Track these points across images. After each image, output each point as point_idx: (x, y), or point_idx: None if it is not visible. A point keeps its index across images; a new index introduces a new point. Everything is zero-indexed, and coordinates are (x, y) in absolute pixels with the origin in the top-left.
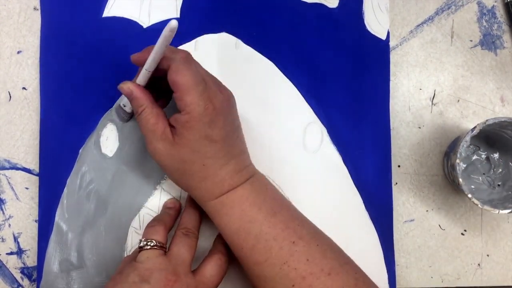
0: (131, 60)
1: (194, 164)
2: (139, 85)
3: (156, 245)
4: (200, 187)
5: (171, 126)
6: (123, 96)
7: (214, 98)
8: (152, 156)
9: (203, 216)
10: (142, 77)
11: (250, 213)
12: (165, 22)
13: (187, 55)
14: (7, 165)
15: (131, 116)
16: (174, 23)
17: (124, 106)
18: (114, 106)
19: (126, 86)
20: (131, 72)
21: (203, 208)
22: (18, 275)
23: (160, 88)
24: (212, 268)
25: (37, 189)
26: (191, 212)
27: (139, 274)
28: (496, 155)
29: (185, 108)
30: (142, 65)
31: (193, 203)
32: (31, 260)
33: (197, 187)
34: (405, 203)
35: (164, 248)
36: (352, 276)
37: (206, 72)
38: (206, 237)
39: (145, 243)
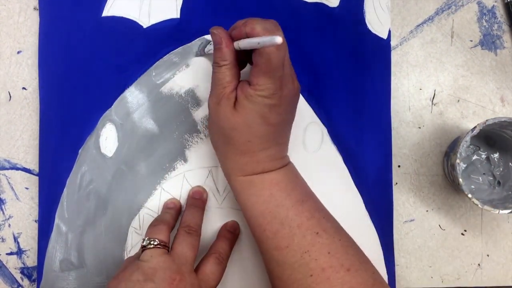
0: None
1: (242, 136)
2: (230, 37)
3: (159, 244)
4: (235, 160)
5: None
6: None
7: (285, 86)
8: (210, 109)
9: (204, 215)
10: (237, 45)
11: (279, 197)
12: (165, 22)
13: (282, 40)
14: (7, 165)
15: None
16: (279, 40)
17: (209, 50)
18: (201, 42)
19: (217, 32)
20: (130, 72)
21: (229, 184)
22: (18, 275)
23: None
24: (212, 266)
25: (37, 189)
26: (193, 211)
27: (143, 272)
28: (496, 155)
29: (256, 85)
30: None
31: (195, 201)
32: (31, 260)
33: (232, 159)
34: (405, 203)
35: (167, 247)
36: (370, 275)
37: (288, 58)
38: (207, 235)
39: (148, 242)
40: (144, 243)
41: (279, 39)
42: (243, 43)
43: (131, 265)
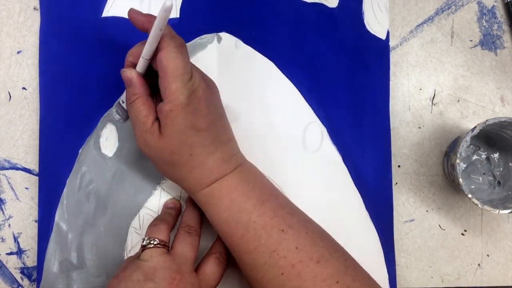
0: (137, 25)
1: (182, 155)
2: (139, 73)
3: (159, 244)
4: (189, 178)
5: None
6: (124, 93)
7: (198, 87)
8: (142, 148)
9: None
10: (140, 65)
11: (239, 202)
12: None
13: (182, 42)
14: (7, 165)
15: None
16: (168, 3)
17: (123, 102)
18: (115, 104)
19: (128, 72)
20: None
21: (194, 199)
22: (18, 275)
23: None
24: (212, 266)
25: (37, 189)
26: (193, 210)
27: (143, 272)
28: (496, 155)
29: (169, 96)
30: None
31: (195, 202)
32: (31, 260)
33: (186, 178)
34: (405, 203)
35: (167, 246)
36: (342, 263)
37: (189, 61)
38: (207, 235)
39: (148, 241)
40: (144, 243)
41: (168, 1)
42: (145, 49)
43: (131, 264)
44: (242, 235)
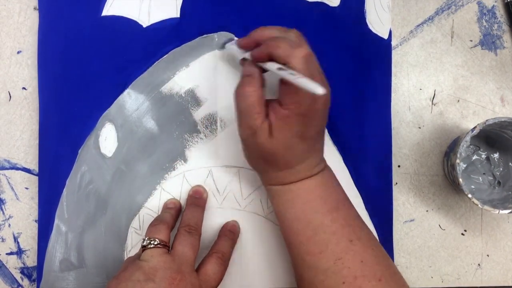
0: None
1: (284, 157)
2: (261, 69)
3: (159, 244)
4: (275, 175)
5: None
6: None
7: (319, 99)
8: (243, 141)
9: (204, 215)
10: (269, 67)
11: (315, 204)
12: (165, 22)
13: (309, 54)
14: (7, 165)
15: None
16: (320, 91)
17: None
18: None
19: (252, 68)
20: (130, 72)
21: (267, 189)
22: (18, 275)
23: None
24: (213, 266)
25: (37, 189)
26: (193, 210)
27: (143, 272)
28: (496, 155)
29: (291, 102)
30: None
31: (195, 201)
32: (31, 260)
33: (273, 175)
34: (405, 203)
35: (167, 246)
36: (402, 287)
37: (317, 68)
38: (207, 235)
39: (148, 241)
40: (144, 243)
41: (320, 91)
42: (273, 68)
43: (132, 265)
44: (310, 236)
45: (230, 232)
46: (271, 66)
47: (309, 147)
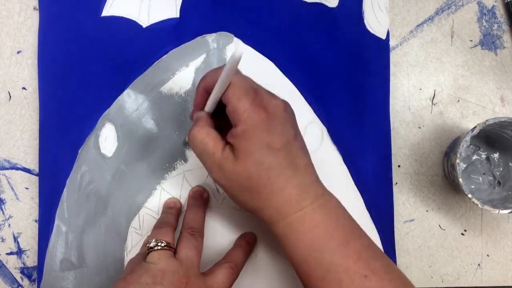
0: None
1: (261, 178)
2: (206, 112)
3: (166, 246)
4: (268, 206)
5: (228, 144)
6: None
7: (267, 104)
8: (217, 181)
9: (206, 215)
10: (208, 105)
11: (322, 241)
12: (164, 22)
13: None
14: (7, 165)
15: None
16: (238, 54)
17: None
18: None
19: (198, 113)
20: (130, 72)
21: (272, 233)
22: (18, 275)
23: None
24: (223, 275)
25: (37, 189)
26: (194, 211)
27: (151, 275)
28: (496, 155)
29: (240, 118)
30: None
31: (196, 201)
32: (31, 260)
33: (265, 207)
34: (405, 203)
35: (173, 249)
36: None
37: (254, 82)
38: (207, 236)
39: (155, 243)
40: (151, 245)
41: (238, 53)
42: (214, 92)
43: (139, 267)
44: (323, 277)
45: (246, 244)
46: (209, 100)
47: (287, 161)
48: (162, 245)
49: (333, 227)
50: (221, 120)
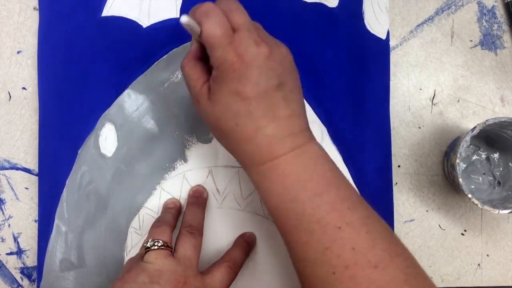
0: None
1: (227, 122)
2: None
3: (163, 245)
4: (239, 150)
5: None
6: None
7: (244, 51)
8: (198, 114)
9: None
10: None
11: (293, 191)
12: (164, 22)
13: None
14: (7, 165)
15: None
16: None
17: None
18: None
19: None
20: (130, 72)
21: (249, 177)
22: (18, 275)
23: None
24: (222, 274)
25: (37, 189)
26: (194, 209)
27: (148, 274)
28: (496, 155)
29: (214, 63)
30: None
31: (196, 200)
32: (30, 260)
33: (236, 151)
34: (405, 203)
35: (170, 248)
36: (402, 270)
37: (246, 22)
38: (207, 236)
39: (152, 243)
40: (148, 245)
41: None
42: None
43: (136, 267)
44: (294, 226)
45: (246, 243)
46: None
47: (259, 111)
48: (159, 244)
49: (306, 177)
50: None
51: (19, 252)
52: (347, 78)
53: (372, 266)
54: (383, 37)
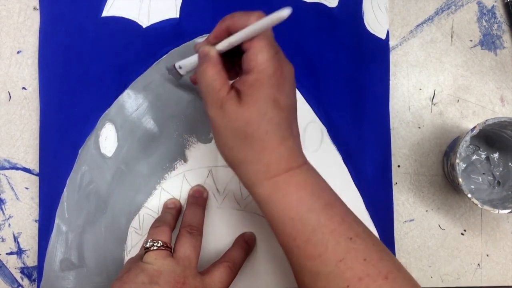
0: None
1: (259, 128)
2: (217, 50)
3: (162, 246)
4: (257, 161)
5: (234, 88)
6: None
7: (284, 64)
8: (212, 119)
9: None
10: (224, 44)
11: (309, 201)
12: (164, 22)
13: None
14: (7, 165)
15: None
16: (287, 11)
17: (180, 68)
18: (168, 66)
19: (206, 48)
20: (130, 72)
21: (253, 194)
22: (18, 275)
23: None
24: (221, 274)
25: (37, 189)
26: (194, 209)
27: (148, 275)
28: (496, 155)
29: (256, 67)
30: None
31: (196, 200)
32: (31, 260)
33: (254, 161)
34: (405, 203)
35: (169, 248)
36: (408, 282)
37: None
38: (207, 236)
39: (151, 243)
40: (147, 245)
41: (286, 11)
42: (238, 35)
43: (135, 267)
44: (308, 238)
45: (245, 243)
46: (226, 41)
47: (286, 122)
48: (158, 245)
49: (319, 189)
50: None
51: (19, 252)
52: (347, 78)
53: (383, 277)
54: (383, 37)
